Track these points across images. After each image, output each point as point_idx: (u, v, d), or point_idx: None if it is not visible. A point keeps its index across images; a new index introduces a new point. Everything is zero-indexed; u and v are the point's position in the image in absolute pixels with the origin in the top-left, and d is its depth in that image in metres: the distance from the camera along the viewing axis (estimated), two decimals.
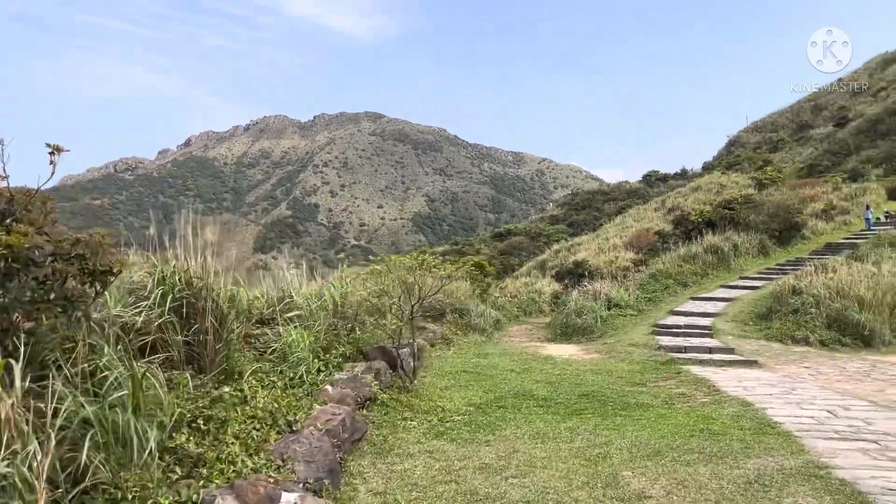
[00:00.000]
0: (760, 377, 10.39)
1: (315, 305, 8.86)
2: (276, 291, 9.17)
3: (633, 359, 12.82)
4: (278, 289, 9.21)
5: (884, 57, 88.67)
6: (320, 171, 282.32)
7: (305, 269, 10.33)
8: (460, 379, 10.48)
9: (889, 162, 51.23)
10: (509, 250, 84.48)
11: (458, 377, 10.65)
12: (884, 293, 17.25)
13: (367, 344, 9.29)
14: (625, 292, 21.10)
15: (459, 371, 11.27)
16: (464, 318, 18.13)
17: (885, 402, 8.30)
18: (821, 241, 31.18)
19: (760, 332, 16.95)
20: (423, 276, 9.02)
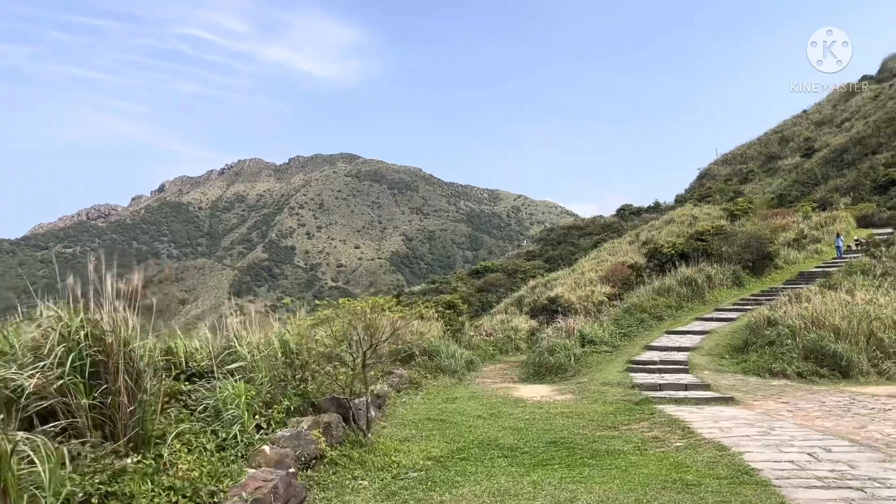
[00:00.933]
0: (737, 416, 9.90)
1: (262, 355, 8.24)
2: (222, 340, 8.55)
3: (606, 399, 12.29)
4: (223, 337, 8.59)
5: (846, 89, 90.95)
6: (296, 213, 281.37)
7: (254, 315, 9.70)
8: (423, 428, 9.86)
9: (856, 190, 51.90)
10: (487, 287, 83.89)
11: (421, 426, 10.04)
12: (858, 322, 16.99)
13: (321, 395, 8.66)
14: (599, 328, 20.65)
15: (424, 419, 10.66)
16: (434, 360, 17.50)
17: (868, 440, 7.84)
18: (794, 271, 31.13)
19: (737, 365, 16.54)
20: (376, 320, 8.43)
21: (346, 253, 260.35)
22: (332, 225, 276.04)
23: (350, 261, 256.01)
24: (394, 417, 10.74)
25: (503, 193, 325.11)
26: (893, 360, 16.38)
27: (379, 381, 12.96)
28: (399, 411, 11.36)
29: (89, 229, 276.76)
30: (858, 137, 63.46)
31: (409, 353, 17.53)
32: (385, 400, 11.70)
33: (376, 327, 8.42)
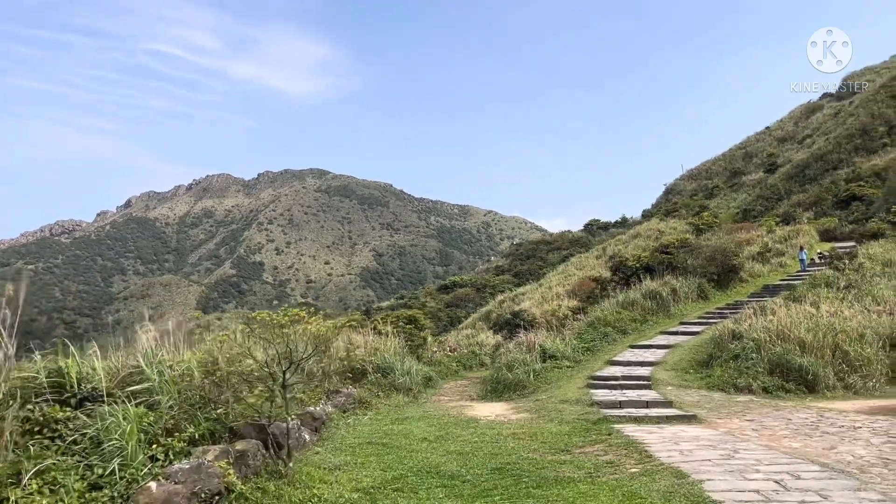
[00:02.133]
0: (700, 436, 9.21)
1: (170, 376, 7.34)
2: (131, 360, 7.63)
3: (563, 418, 11.54)
4: (132, 356, 7.67)
5: (807, 106, 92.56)
6: (265, 229, 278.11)
7: (173, 330, 8.78)
8: (360, 453, 9.00)
9: (818, 205, 52.35)
10: (455, 302, 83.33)
11: (358, 451, 9.17)
12: (824, 334, 16.55)
13: (242, 419, 7.76)
14: (561, 342, 19.97)
15: (364, 443, 9.79)
16: (387, 378, 16.61)
17: (839, 463, 7.19)
18: (758, 284, 30.91)
19: (701, 380, 15.95)
20: (296, 335, 7.55)
21: (315, 268, 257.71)
22: (302, 240, 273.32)
23: (320, 276, 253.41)
24: (332, 441, 9.86)
25: (473, 209, 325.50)
26: (860, 374, 15.95)
27: (320, 401, 12.07)
28: (339, 434, 10.48)
29: (52, 245, 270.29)
30: (820, 153, 64.27)
31: (361, 371, 16.65)
32: (324, 422, 10.81)
33: (299, 343, 7.55)
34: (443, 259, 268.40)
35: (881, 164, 51.78)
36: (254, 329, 7.16)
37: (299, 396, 11.43)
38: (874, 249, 28.90)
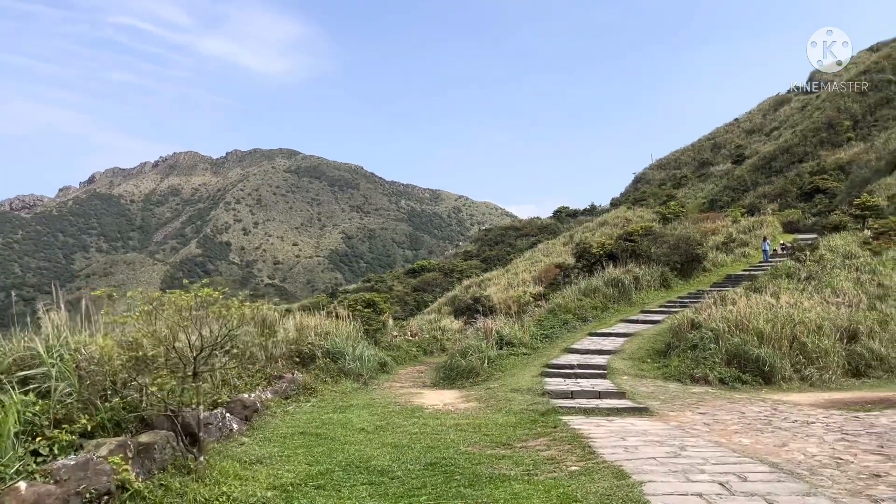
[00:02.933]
0: (648, 430, 8.80)
1: (75, 359, 6.65)
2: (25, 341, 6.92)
3: (511, 408, 11.08)
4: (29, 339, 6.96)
5: (776, 98, 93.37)
6: (232, 209, 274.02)
7: (84, 310, 8.06)
8: (290, 445, 8.42)
9: (783, 197, 52.78)
10: (423, 286, 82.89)
11: (288, 442, 8.59)
12: (782, 325, 16.34)
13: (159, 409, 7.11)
14: (519, 329, 19.55)
15: (297, 433, 9.20)
16: (337, 363, 16.00)
17: (789, 463, 6.80)
18: (721, 273, 30.89)
19: (658, 370, 15.65)
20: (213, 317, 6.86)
21: (283, 250, 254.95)
22: (270, 221, 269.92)
23: (287, 258, 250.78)
24: (263, 431, 9.25)
25: (445, 194, 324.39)
26: (816, 366, 15.79)
27: (258, 387, 11.46)
28: (273, 423, 9.87)
29: (12, 220, 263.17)
30: (786, 146, 64.81)
31: (310, 355, 16.02)
32: (257, 410, 10.19)
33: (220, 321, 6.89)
34: (413, 243, 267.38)
35: (845, 158, 52.31)
36: (160, 311, 6.48)
37: (233, 382, 10.82)
38: (835, 241, 28.98)
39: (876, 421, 9.66)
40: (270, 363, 14.13)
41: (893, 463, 6.75)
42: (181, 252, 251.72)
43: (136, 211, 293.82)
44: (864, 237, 28.90)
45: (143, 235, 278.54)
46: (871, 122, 59.36)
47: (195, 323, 6.41)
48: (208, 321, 6.67)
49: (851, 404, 12.12)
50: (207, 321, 6.65)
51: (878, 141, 49.83)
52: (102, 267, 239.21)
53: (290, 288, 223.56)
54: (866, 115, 61.45)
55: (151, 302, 6.40)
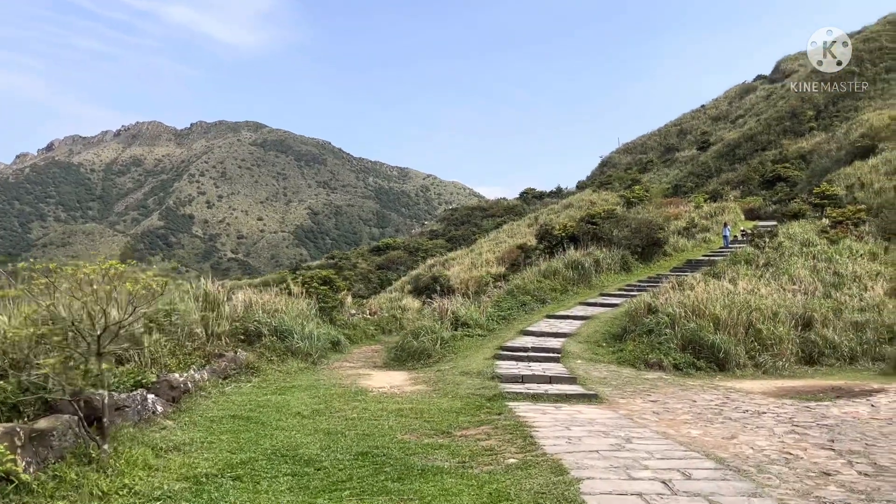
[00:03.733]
0: (595, 419, 8.45)
1: None
2: None
3: (458, 392, 10.66)
4: None
5: (742, 87, 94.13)
6: (196, 181, 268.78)
7: None
8: (217, 430, 7.88)
9: (746, 184, 53.20)
10: (387, 264, 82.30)
11: (216, 427, 8.05)
12: (739, 312, 16.21)
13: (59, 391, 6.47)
14: (476, 310, 19.16)
15: (228, 416, 8.66)
16: (285, 342, 15.42)
17: (737, 458, 6.49)
18: (682, 258, 30.91)
19: (613, 354, 15.40)
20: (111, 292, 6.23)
21: (247, 224, 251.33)
22: (235, 195, 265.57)
23: (252, 232, 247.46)
24: (191, 414, 8.68)
25: (413, 172, 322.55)
26: (770, 353, 15.71)
27: (192, 366, 10.84)
28: (204, 405, 9.30)
29: None
30: (750, 134, 65.36)
31: (256, 333, 15.40)
32: (188, 391, 9.59)
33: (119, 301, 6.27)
34: (380, 221, 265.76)
35: (807, 147, 52.83)
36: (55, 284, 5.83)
37: (164, 361, 10.20)
38: (794, 229, 29.12)
39: (827, 412, 9.47)
40: (212, 341, 13.50)
41: (844, 460, 6.49)
42: (142, 224, 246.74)
43: (96, 180, 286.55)
44: (823, 225, 29.10)
45: (103, 206, 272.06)
46: (832, 113, 60.01)
47: (100, 298, 5.79)
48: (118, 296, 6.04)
49: (803, 393, 11.99)
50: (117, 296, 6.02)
51: (839, 131, 50.35)
52: (60, 237, 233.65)
53: (253, 263, 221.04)
54: (829, 105, 62.13)
55: (49, 273, 5.74)
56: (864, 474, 5.96)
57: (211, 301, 14.22)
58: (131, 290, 5.88)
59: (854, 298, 19.08)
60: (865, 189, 33.62)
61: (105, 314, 5.84)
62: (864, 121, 46.39)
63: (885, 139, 40.23)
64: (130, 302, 6.05)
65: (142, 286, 5.96)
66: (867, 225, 27.62)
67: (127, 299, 6.04)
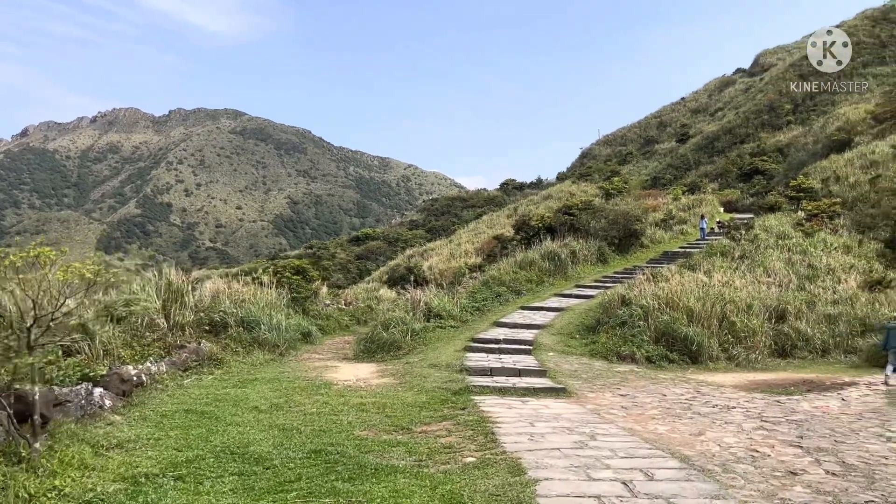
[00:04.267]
0: (561, 414, 8.22)
1: None
2: None
3: (425, 386, 10.39)
4: None
5: (721, 80, 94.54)
6: (174, 169, 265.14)
7: None
8: (167, 426, 7.54)
9: (724, 177, 53.40)
10: (366, 255, 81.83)
11: (166, 423, 7.70)
12: (713, 304, 16.11)
13: None
14: (449, 301, 18.88)
15: (182, 410, 8.32)
16: (252, 333, 15.05)
17: (702, 457, 6.28)
18: (659, 250, 30.86)
19: (586, 346, 15.23)
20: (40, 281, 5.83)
21: (226, 213, 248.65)
22: (213, 183, 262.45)
23: (230, 221, 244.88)
24: (143, 408, 8.33)
25: (394, 162, 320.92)
26: (744, 346, 15.64)
27: (149, 358, 10.46)
28: (158, 399, 8.94)
29: None
30: (729, 127, 65.66)
31: (222, 324, 15.01)
32: (142, 384, 9.22)
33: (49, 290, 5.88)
34: (360, 211, 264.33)
35: (784, 140, 53.12)
36: None
37: (117, 353, 9.82)
38: (770, 221, 29.16)
39: (797, 406, 9.34)
40: (174, 332, 13.10)
41: (811, 458, 6.31)
42: (119, 212, 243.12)
43: (71, 167, 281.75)
44: (798, 218, 29.16)
45: (78, 193, 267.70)
46: (810, 107, 60.41)
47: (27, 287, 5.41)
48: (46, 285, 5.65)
49: (775, 386, 11.88)
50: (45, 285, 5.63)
51: (816, 125, 50.66)
52: (34, 224, 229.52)
53: (232, 252, 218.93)
54: (806, 99, 62.54)
55: None
56: (832, 473, 5.78)
57: (174, 291, 13.80)
58: (63, 279, 5.51)
59: (828, 291, 19.09)
60: (841, 182, 33.77)
61: (36, 305, 5.47)
62: (840, 115, 46.69)
63: (860, 133, 40.52)
64: (62, 292, 5.66)
65: (76, 275, 5.58)
66: (842, 218, 27.72)
67: (60, 289, 5.66)
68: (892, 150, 33.49)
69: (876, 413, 8.81)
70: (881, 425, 8.03)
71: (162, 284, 13.64)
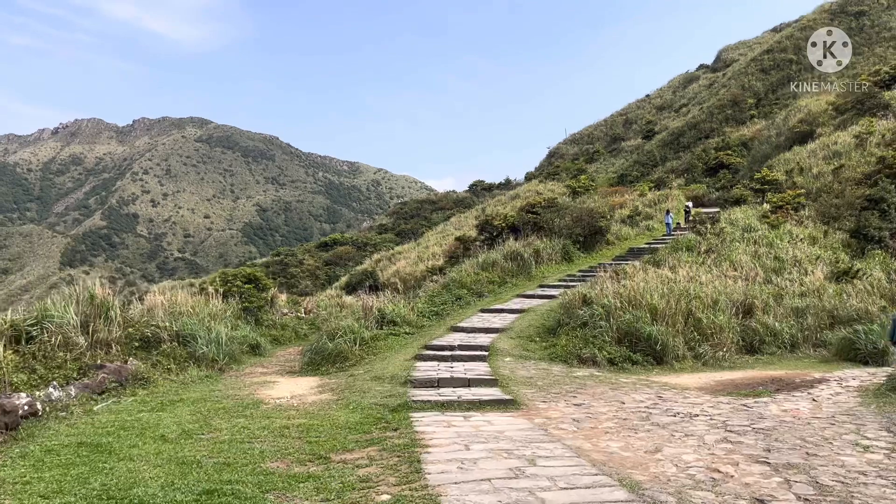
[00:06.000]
0: (504, 432, 7.33)
1: None
2: None
3: (362, 402, 9.44)
4: None
5: (685, 76, 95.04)
6: (140, 179, 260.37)
7: None
8: (45, 464, 6.50)
9: (690, 172, 53.32)
10: (335, 260, 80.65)
11: (47, 460, 6.67)
12: (678, 301, 15.38)
13: None
14: (405, 306, 17.98)
15: (72, 444, 7.27)
16: (187, 347, 13.97)
17: (655, 481, 5.44)
18: (625, 247, 30.31)
19: (545, 350, 14.41)
20: None
21: (194, 222, 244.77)
22: (180, 192, 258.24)
23: (199, 230, 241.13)
24: (29, 443, 7.27)
25: (363, 166, 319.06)
26: (710, 343, 14.97)
27: (53, 381, 9.38)
28: (53, 431, 7.87)
29: None
30: (694, 122, 65.79)
31: (156, 338, 13.90)
32: (35, 413, 8.14)
33: None
34: (330, 216, 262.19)
35: (748, 134, 53.19)
36: None
37: (8, 378, 8.74)
38: (736, 215, 28.79)
39: (765, 411, 8.57)
40: (96, 349, 11.98)
41: (780, 477, 5.50)
42: (84, 224, 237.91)
43: (33, 180, 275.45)
44: (764, 211, 28.83)
45: (41, 206, 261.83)
46: (772, 100, 60.72)
47: None
48: None
49: (742, 387, 11.18)
50: None
51: (779, 118, 50.76)
52: None
53: (201, 262, 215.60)
54: (768, 93, 62.88)
55: None
56: (804, 499, 4.97)
57: (97, 305, 12.67)
58: None
59: (794, 283, 18.60)
60: (805, 174, 33.57)
61: None
62: (802, 107, 46.77)
63: (822, 124, 40.47)
64: None
65: None
66: (807, 209, 27.41)
67: None
68: (854, 140, 33.37)
69: (850, 416, 8.08)
70: (856, 431, 7.28)
71: (82, 298, 12.51)
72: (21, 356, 9.74)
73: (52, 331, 11.13)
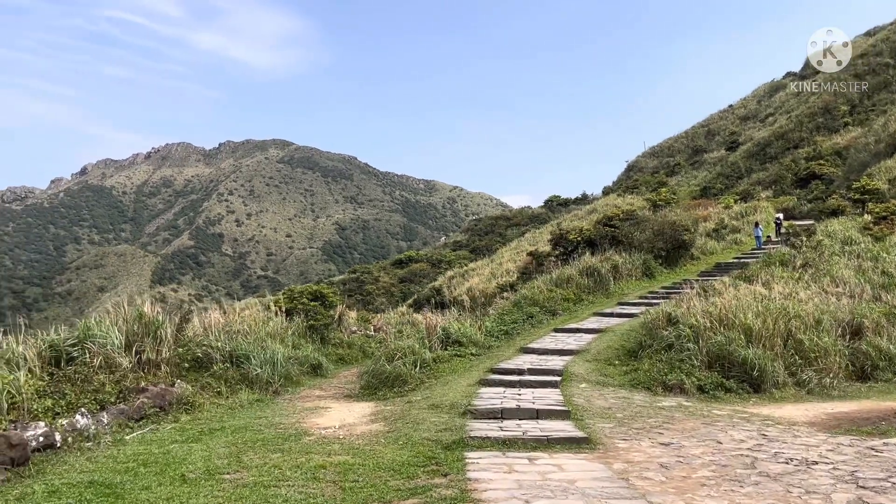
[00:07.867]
0: (575, 481, 6.08)
1: None
2: None
3: (412, 437, 8.34)
4: None
5: (771, 84, 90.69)
6: (225, 200, 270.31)
7: None
8: None
9: (778, 183, 50.52)
10: (410, 277, 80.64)
11: (53, 500, 5.87)
12: (775, 320, 13.64)
13: None
14: (471, 325, 16.84)
15: (81, 483, 6.48)
16: (240, 369, 13.28)
17: None
18: (711, 261, 28.33)
19: (625, 375, 12.97)
20: None
21: (276, 241, 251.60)
22: (263, 212, 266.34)
23: (280, 249, 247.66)
24: (36, 481, 6.52)
25: (439, 184, 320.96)
26: (814, 368, 13.15)
27: (81, 408, 8.71)
28: (68, 465, 7.12)
29: (3, 212, 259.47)
30: (781, 132, 62.58)
31: (208, 359, 13.28)
32: (49, 445, 7.42)
33: None
34: (407, 234, 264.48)
35: (842, 143, 49.82)
36: None
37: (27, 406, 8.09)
38: (833, 226, 26.45)
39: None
40: (141, 371, 11.40)
41: None
42: (173, 244, 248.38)
43: (128, 202, 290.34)
44: (864, 222, 26.44)
45: (134, 227, 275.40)
46: (868, 107, 56.77)
47: None
48: None
49: (860, 422, 9.50)
50: None
51: (877, 124, 47.21)
52: (93, 259, 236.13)
53: (283, 280, 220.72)
54: (863, 99, 58.83)
55: None
56: None
57: (146, 324, 12.13)
58: None
59: None
60: None
61: None
62: None
63: None
64: None
65: None
66: None
67: None
68: None
69: None
70: None
71: (130, 317, 11.99)
72: (53, 379, 9.15)
73: (94, 352, 10.57)
